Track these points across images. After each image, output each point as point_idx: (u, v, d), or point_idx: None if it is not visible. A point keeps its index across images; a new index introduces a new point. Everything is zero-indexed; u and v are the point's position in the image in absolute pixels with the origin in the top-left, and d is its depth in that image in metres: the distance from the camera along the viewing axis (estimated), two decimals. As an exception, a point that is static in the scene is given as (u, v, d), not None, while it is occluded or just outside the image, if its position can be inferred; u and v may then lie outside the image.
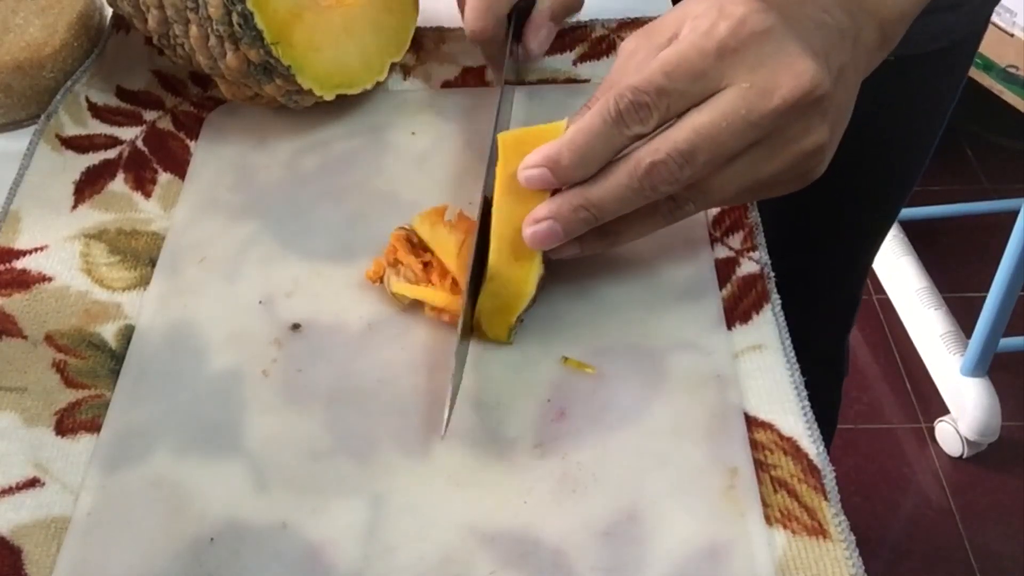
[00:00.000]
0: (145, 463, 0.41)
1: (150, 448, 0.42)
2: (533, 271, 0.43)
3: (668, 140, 0.39)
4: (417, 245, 0.46)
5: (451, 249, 0.45)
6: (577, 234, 0.42)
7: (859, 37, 0.42)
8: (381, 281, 0.46)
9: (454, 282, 0.45)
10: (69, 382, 0.44)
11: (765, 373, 0.43)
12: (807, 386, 0.43)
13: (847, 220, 0.77)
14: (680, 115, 0.39)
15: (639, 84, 0.39)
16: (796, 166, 0.40)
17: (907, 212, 1.61)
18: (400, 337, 0.45)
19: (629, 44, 0.43)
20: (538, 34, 0.54)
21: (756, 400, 0.42)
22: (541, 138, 0.42)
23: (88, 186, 0.53)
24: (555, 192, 0.42)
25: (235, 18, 0.48)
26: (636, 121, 0.39)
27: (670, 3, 0.63)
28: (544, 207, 0.41)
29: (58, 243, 0.50)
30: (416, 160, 0.54)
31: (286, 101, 0.54)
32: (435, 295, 0.44)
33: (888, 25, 0.43)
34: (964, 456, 1.44)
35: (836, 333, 0.91)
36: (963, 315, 1.49)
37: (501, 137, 0.44)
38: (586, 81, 0.58)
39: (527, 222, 0.42)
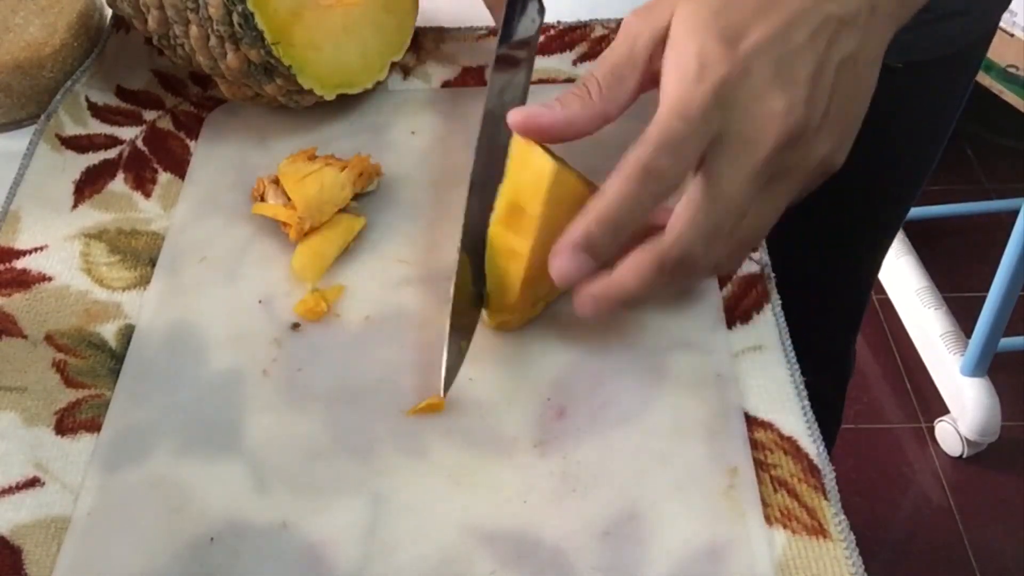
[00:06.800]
0: (145, 463, 0.41)
1: (150, 448, 0.42)
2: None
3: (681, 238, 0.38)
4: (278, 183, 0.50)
5: (296, 176, 0.49)
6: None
7: (876, 8, 0.40)
8: (263, 198, 0.50)
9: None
10: (69, 382, 0.44)
11: (765, 373, 0.43)
12: (812, 388, 0.42)
13: (853, 224, 0.77)
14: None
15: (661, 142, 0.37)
16: (811, 181, 0.40)
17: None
18: (400, 337, 0.45)
19: (631, 26, 0.41)
20: None
21: (756, 400, 0.42)
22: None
23: (88, 186, 0.53)
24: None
25: (235, 18, 0.48)
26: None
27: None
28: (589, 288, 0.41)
29: (58, 243, 0.50)
30: (416, 160, 0.54)
31: (286, 101, 0.54)
32: (276, 210, 0.49)
33: None
34: (964, 456, 1.44)
35: (842, 336, 0.91)
36: (963, 315, 1.49)
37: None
38: (586, 81, 0.58)
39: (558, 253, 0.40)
